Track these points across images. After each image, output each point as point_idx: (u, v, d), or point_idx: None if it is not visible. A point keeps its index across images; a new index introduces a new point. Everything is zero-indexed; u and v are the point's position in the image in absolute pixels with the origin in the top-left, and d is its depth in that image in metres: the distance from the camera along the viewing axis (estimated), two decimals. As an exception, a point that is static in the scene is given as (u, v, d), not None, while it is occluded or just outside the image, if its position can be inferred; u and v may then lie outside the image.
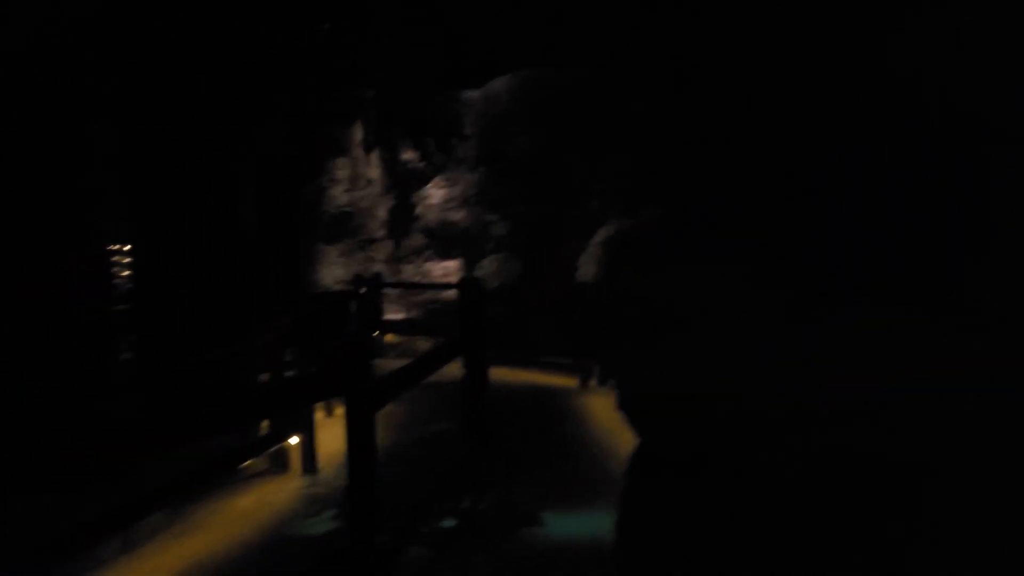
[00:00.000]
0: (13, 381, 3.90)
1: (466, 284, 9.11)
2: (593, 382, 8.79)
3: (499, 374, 5.73)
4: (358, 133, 13.05)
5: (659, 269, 7.90)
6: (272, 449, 5.12)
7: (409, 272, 13.20)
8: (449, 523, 4.53)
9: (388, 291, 11.79)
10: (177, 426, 2.35)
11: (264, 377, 6.18)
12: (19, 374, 3.93)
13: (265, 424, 5.82)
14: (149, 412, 2.29)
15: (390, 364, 10.90)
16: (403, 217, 13.31)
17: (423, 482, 5.33)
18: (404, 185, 13.29)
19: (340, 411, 7.38)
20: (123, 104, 5.83)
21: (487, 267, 11.49)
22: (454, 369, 10.45)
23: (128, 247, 6.09)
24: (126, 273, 7.45)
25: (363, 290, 10.06)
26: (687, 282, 6.94)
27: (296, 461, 5.41)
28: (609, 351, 8.51)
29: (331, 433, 6.43)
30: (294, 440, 5.32)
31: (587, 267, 9.17)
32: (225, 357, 5.28)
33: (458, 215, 12.50)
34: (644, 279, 8.11)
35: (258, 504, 4.84)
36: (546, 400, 8.04)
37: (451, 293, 12.08)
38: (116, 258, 9.51)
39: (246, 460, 4.71)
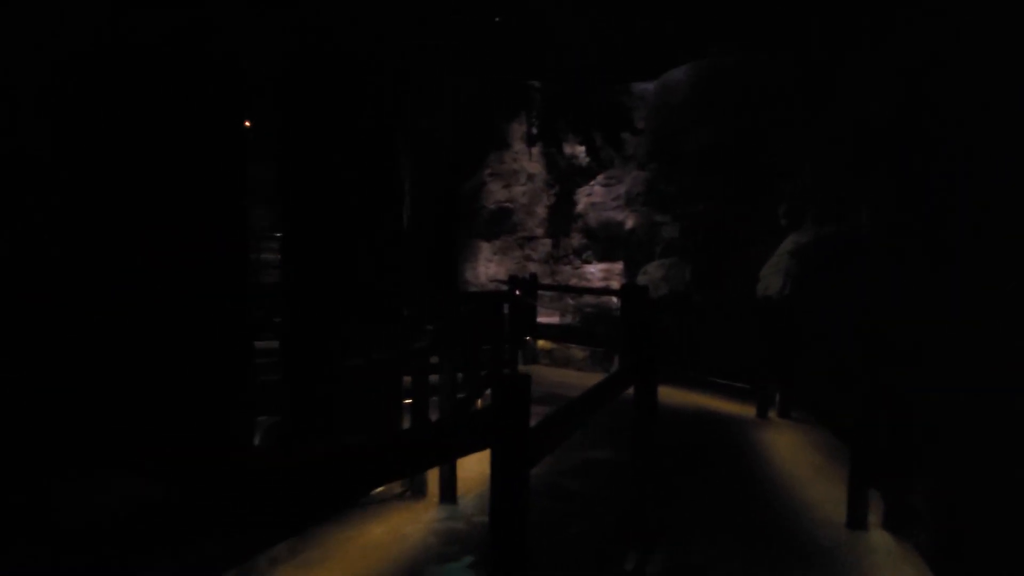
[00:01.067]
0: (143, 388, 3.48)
1: (631, 292, 8.22)
2: (773, 412, 7.61)
3: (664, 394, 4.85)
4: (519, 127, 12.50)
5: (874, 286, 6.60)
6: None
7: (566, 273, 12.48)
8: (610, 591, 3.70)
9: (543, 292, 11.12)
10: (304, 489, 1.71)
11: (407, 380, 5.67)
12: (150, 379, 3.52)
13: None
14: (286, 466, 1.67)
15: (542, 371, 10.22)
16: (563, 215, 12.61)
17: (580, 526, 4.55)
18: (566, 182, 12.58)
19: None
20: (284, 89, 5.47)
21: (653, 272, 10.49)
22: (611, 382, 9.50)
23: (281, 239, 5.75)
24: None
25: (517, 292, 9.41)
26: (913, 308, 5.64)
27: (434, 486, 4.79)
28: (802, 380, 7.29)
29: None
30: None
31: (772, 279, 7.96)
32: (371, 365, 4.75)
33: (622, 215, 11.60)
34: (852, 297, 6.83)
35: (391, 536, 4.24)
36: (720, 431, 6.98)
37: (610, 298, 11.22)
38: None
39: (381, 484, 4.11)
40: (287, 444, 5.01)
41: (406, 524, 4.40)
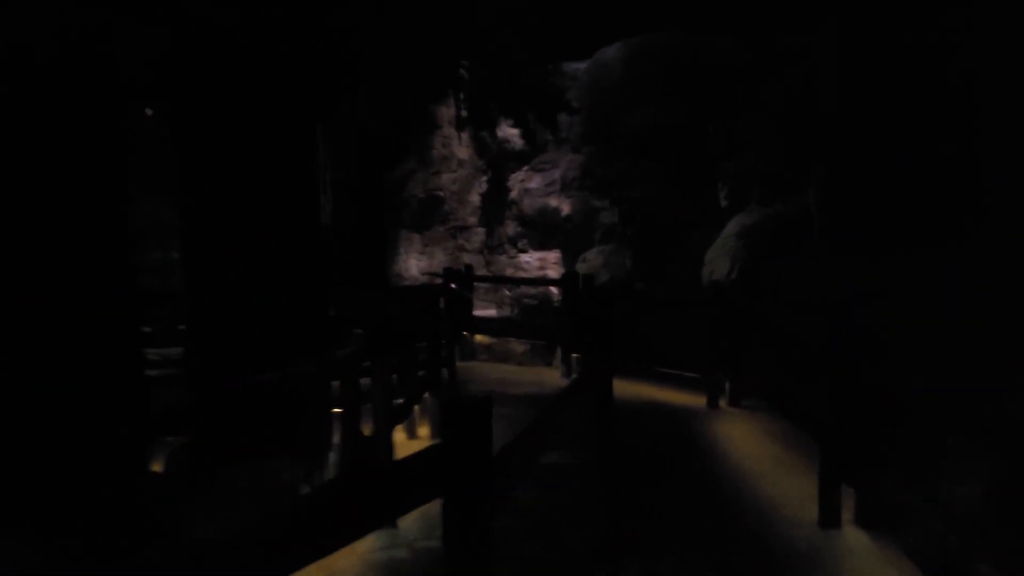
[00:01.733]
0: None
1: (575, 282, 7.79)
2: (724, 402, 7.32)
3: (610, 387, 4.49)
4: (448, 110, 11.91)
5: (824, 266, 6.34)
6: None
7: (502, 263, 12.01)
8: (580, 624, 3.25)
9: (479, 284, 10.61)
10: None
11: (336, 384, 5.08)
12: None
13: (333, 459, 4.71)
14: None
15: (481, 368, 9.71)
16: (497, 203, 12.11)
17: (539, 545, 4.09)
18: (498, 167, 12.08)
19: (424, 431, 6.24)
20: (174, 73, 4.73)
21: (592, 260, 10.12)
22: (552, 377, 9.12)
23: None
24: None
25: (453, 285, 8.88)
26: (868, 282, 5.38)
27: (372, 509, 4.23)
28: (752, 367, 7.02)
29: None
30: (370, 483, 4.14)
31: (718, 262, 7.67)
32: (289, 377, 4.14)
33: (558, 201, 11.18)
34: (803, 277, 6.58)
35: (321, 573, 3.68)
36: (674, 425, 6.63)
37: (550, 288, 10.81)
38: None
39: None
40: (195, 470, 4.36)
41: (338, 557, 3.83)
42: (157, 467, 4.56)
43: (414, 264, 12.03)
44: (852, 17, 6.25)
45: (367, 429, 4.71)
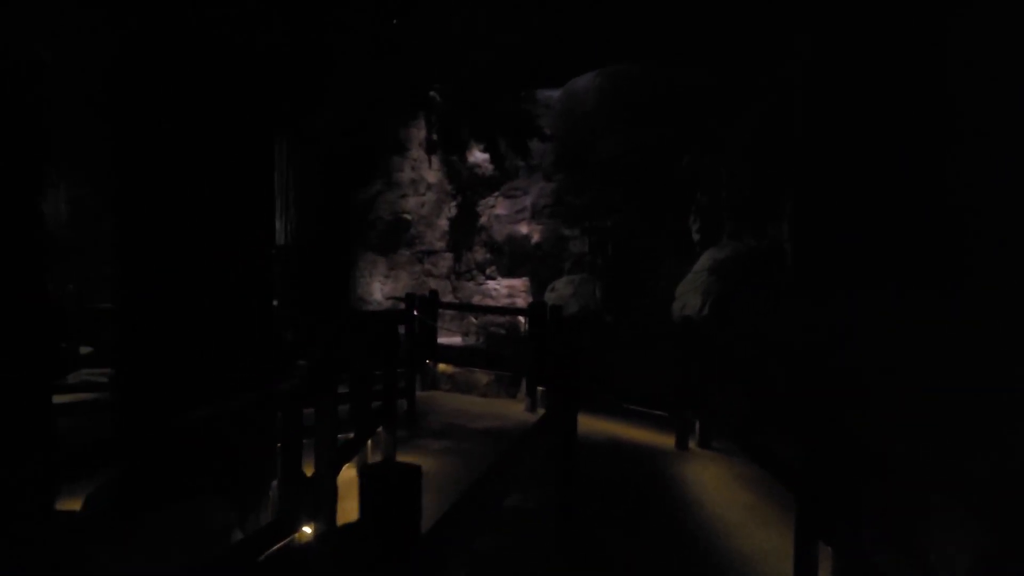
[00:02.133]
0: None
1: (542, 312, 7.49)
2: (693, 443, 7.04)
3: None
4: (418, 132, 11.64)
5: (798, 303, 6.14)
6: (278, 547, 3.58)
7: (469, 290, 11.70)
8: None
9: (444, 311, 10.27)
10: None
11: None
12: None
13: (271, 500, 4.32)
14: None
15: (443, 398, 9.34)
16: (465, 228, 11.84)
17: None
18: (468, 192, 11.83)
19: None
20: (116, 77, 4.38)
21: (561, 289, 9.86)
22: (516, 410, 8.75)
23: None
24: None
25: (416, 311, 8.53)
26: (843, 322, 5.17)
27: (311, 559, 3.85)
28: (724, 407, 6.75)
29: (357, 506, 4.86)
30: (308, 530, 3.78)
31: (690, 297, 7.45)
32: (223, 412, 3.76)
33: (528, 228, 10.94)
34: (776, 315, 6.37)
35: (247, 636, 3.29)
36: (640, 466, 6.33)
37: (518, 317, 10.53)
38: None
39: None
40: (117, 512, 3.95)
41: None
42: (74, 507, 4.15)
43: (378, 288, 11.66)
44: (822, 48, 6.15)
45: (311, 468, 4.35)
